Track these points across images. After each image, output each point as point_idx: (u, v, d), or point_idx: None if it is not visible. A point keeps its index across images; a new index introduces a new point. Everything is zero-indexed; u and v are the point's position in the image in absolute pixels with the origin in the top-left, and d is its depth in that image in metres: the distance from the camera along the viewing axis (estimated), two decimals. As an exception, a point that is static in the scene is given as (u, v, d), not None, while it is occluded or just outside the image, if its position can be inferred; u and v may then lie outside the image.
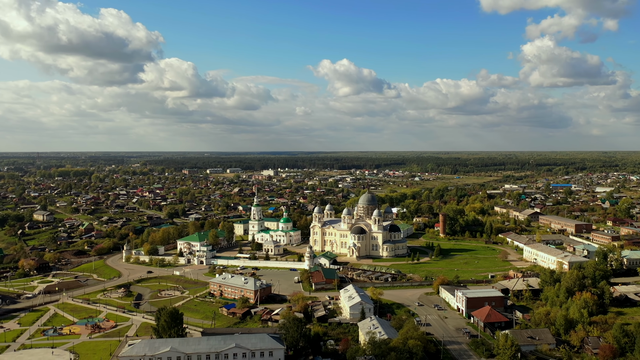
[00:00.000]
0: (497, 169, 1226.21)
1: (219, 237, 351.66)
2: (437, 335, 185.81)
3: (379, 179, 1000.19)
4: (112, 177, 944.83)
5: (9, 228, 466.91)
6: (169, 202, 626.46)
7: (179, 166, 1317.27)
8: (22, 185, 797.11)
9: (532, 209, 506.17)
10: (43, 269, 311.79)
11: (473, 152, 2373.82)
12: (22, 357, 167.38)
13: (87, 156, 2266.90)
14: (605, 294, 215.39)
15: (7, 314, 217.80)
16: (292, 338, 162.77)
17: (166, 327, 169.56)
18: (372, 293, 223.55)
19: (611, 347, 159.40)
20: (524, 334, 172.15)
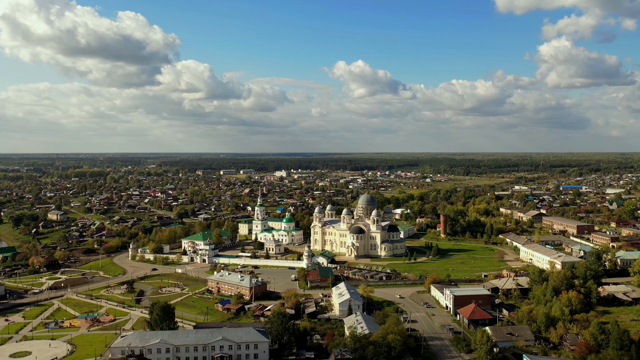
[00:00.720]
0: (511, 170, 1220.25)
1: (223, 236, 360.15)
2: (421, 332, 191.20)
3: (390, 180, 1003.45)
4: (126, 178, 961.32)
5: (24, 227, 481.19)
6: (180, 202, 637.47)
7: (194, 167, 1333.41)
8: (39, 186, 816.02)
9: (537, 210, 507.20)
10: (52, 266, 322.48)
11: (488, 154, 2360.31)
12: (23, 348, 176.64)
13: (105, 157, 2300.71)
14: (592, 293, 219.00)
15: (14, 308, 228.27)
16: (277, 332, 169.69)
17: (158, 321, 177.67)
18: (363, 291, 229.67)
19: (587, 344, 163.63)
20: (504, 331, 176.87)
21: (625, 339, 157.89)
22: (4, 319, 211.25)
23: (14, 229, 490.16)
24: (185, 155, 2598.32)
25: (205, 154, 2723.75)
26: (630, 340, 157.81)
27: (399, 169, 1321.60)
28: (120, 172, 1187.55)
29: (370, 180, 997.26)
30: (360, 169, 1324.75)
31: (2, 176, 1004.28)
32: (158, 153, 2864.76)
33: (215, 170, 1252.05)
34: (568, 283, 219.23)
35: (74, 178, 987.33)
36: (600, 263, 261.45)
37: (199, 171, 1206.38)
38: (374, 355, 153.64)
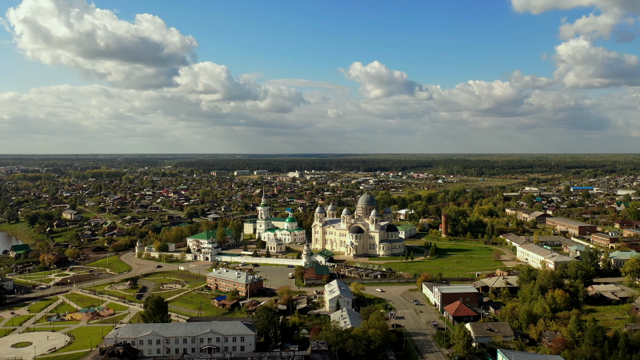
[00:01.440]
0: (525, 171, 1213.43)
1: (227, 235, 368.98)
2: (406, 327, 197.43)
3: (401, 181, 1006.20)
4: (141, 179, 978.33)
5: (39, 226, 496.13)
6: (191, 202, 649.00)
7: (208, 168, 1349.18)
8: (56, 186, 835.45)
9: (544, 211, 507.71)
10: (62, 263, 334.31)
11: (505, 155, 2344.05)
12: (24, 339, 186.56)
13: (124, 158, 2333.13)
14: (580, 292, 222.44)
15: (21, 302, 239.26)
16: (263, 326, 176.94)
17: (152, 314, 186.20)
18: (355, 288, 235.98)
19: (563, 340, 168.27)
20: (484, 327, 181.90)
21: (599, 335, 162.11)
22: (10, 312, 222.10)
23: (29, 227, 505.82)
24: (202, 156, 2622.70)
25: (221, 154, 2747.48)
26: (604, 337, 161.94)
27: (413, 170, 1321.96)
28: (137, 172, 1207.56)
29: (381, 181, 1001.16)
30: (373, 170, 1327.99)
31: (21, 176, 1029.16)
32: (176, 154, 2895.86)
33: (229, 171, 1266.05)
34: (555, 282, 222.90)
35: (90, 178, 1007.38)
36: (594, 263, 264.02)
37: (213, 172, 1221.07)
38: (353, 348, 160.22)
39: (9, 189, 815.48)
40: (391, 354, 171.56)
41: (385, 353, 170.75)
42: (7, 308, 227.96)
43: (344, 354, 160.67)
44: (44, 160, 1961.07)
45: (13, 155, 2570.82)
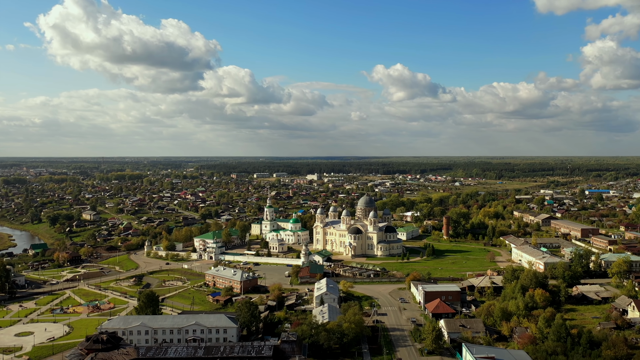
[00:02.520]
0: (545, 174, 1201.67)
1: (232, 235, 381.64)
2: (386, 323, 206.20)
3: (418, 184, 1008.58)
4: (161, 181, 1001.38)
5: (59, 226, 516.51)
6: (207, 204, 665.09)
7: (230, 170, 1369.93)
8: (79, 188, 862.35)
9: (553, 213, 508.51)
10: (75, 261, 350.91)
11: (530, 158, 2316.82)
12: (27, 328, 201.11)
13: (149, 161, 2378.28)
14: (561, 292, 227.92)
15: (30, 296, 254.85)
16: (245, 319, 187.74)
17: (143, 307, 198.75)
18: (343, 286, 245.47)
19: (530, 335, 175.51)
20: (457, 323, 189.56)
21: (562, 332, 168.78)
22: (19, 304, 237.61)
23: (50, 227, 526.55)
24: (226, 159, 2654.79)
25: (245, 157, 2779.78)
26: (567, 333, 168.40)
27: (432, 172, 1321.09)
28: (159, 175, 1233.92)
29: (398, 183, 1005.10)
30: (392, 173, 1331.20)
31: (48, 178, 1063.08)
32: (200, 157, 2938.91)
33: (248, 174, 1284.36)
34: (537, 282, 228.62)
35: (114, 181, 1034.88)
36: (583, 264, 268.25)
37: (233, 174, 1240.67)
38: (325, 340, 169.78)
39: (36, 191, 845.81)
40: (365, 347, 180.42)
41: (360, 346, 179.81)
42: (17, 301, 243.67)
43: (317, 345, 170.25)
44: (72, 163, 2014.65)
45: (43, 158, 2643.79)
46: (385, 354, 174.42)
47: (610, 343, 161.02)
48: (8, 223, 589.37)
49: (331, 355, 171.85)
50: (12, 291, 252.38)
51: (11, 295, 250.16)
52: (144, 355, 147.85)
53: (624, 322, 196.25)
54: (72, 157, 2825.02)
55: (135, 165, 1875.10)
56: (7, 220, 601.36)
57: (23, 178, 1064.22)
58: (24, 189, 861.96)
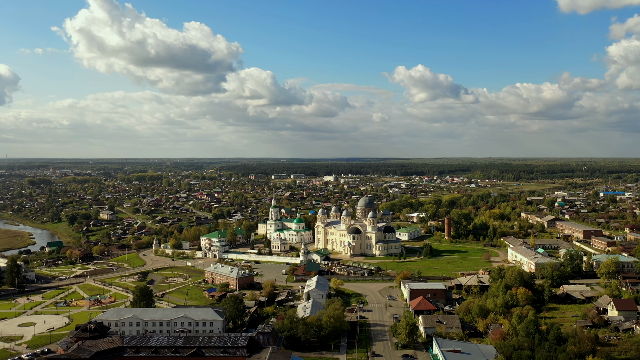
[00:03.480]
0: (565, 176, 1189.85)
1: (238, 234, 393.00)
2: (370, 319, 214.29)
3: (434, 185, 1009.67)
4: (179, 182, 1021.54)
5: (77, 225, 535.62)
6: (221, 204, 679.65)
7: (249, 171, 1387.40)
8: (100, 188, 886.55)
9: (562, 215, 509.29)
10: (86, 259, 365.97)
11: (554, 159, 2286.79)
12: (30, 320, 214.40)
13: (172, 162, 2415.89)
14: (545, 291, 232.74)
15: (39, 290, 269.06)
16: (230, 312, 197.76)
17: (137, 300, 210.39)
18: (334, 283, 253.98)
19: (502, 331, 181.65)
20: (433, 319, 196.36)
21: (531, 328, 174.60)
22: (26, 298, 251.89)
23: (69, 226, 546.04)
24: (248, 160, 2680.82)
25: (266, 159, 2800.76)
26: (536, 329, 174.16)
27: (451, 174, 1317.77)
28: (179, 176, 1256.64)
29: (414, 185, 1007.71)
30: (409, 174, 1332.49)
31: (71, 179, 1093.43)
32: (223, 158, 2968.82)
33: (266, 175, 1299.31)
34: (521, 281, 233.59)
35: (134, 181, 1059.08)
36: (574, 265, 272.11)
37: (251, 175, 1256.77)
38: (302, 333, 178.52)
39: (59, 191, 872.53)
40: (344, 340, 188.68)
41: (338, 340, 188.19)
42: (25, 295, 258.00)
43: (295, 338, 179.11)
44: (97, 164, 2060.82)
45: (70, 159, 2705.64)
46: (362, 347, 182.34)
47: (576, 339, 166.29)
48: (30, 222, 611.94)
49: (310, 347, 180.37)
50: (21, 285, 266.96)
51: (20, 289, 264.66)
52: (128, 343, 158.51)
53: (601, 320, 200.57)
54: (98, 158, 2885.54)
55: (158, 166, 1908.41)
56: (29, 220, 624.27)
57: (48, 179, 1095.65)
58: (47, 190, 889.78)
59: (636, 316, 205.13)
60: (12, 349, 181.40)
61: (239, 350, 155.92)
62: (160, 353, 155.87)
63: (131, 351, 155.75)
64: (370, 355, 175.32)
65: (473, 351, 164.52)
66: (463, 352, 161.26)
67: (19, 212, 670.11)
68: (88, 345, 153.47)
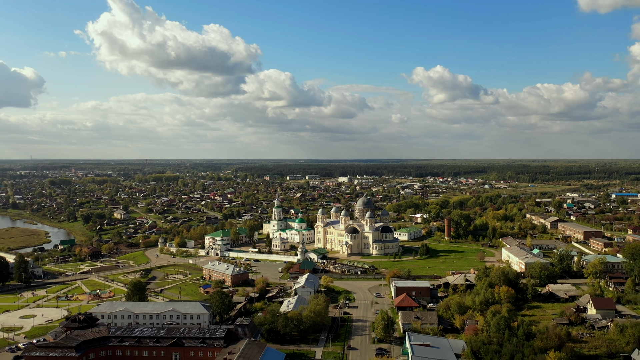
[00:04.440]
0: (582, 177, 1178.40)
1: (241, 234, 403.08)
2: (354, 315, 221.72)
3: (447, 186, 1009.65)
4: (193, 182, 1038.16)
5: (91, 224, 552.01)
6: (233, 204, 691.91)
7: (265, 172, 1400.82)
8: (117, 189, 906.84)
9: (568, 216, 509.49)
10: (95, 256, 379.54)
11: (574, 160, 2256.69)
12: (32, 312, 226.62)
13: (192, 163, 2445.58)
14: (528, 290, 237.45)
15: (45, 285, 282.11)
16: (216, 307, 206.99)
17: (131, 294, 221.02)
18: (324, 281, 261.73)
19: (475, 327, 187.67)
20: (412, 315, 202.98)
21: (502, 324, 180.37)
22: (31, 292, 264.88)
23: (83, 225, 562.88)
24: (267, 161, 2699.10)
25: (285, 160, 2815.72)
26: (507, 325, 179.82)
27: (466, 175, 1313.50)
28: (196, 177, 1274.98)
29: (427, 186, 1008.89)
30: (424, 176, 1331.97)
31: (90, 180, 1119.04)
32: (242, 159, 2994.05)
33: (281, 176, 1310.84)
34: (505, 279, 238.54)
35: (151, 182, 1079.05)
36: (564, 264, 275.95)
37: (267, 176, 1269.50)
38: (282, 327, 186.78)
39: (77, 191, 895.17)
40: (324, 335, 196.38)
41: (319, 334, 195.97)
42: (31, 289, 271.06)
43: (275, 331, 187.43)
44: (118, 165, 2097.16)
45: (93, 160, 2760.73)
46: (340, 341, 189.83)
47: (544, 335, 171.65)
48: (48, 221, 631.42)
49: (290, 340, 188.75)
50: (27, 280, 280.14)
51: (27, 284, 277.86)
52: (114, 333, 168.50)
53: (578, 318, 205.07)
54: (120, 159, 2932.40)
55: (177, 167, 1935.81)
56: (47, 219, 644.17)
57: (68, 179, 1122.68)
58: (67, 190, 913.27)
59: (614, 314, 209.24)
60: (11, 338, 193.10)
61: (216, 341, 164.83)
62: (143, 343, 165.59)
63: (116, 340, 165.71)
64: (347, 348, 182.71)
65: (442, 345, 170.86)
66: (432, 345, 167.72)
67: (37, 212, 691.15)
68: (76, 335, 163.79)
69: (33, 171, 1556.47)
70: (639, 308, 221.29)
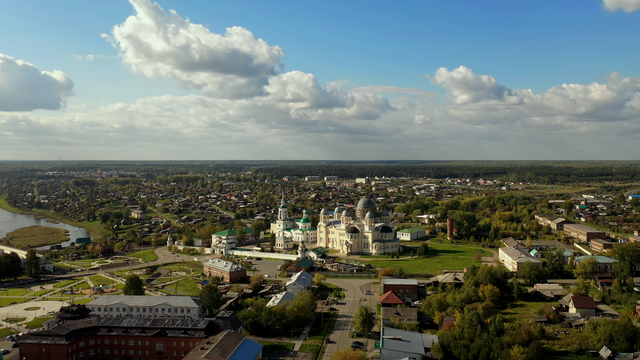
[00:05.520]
0: (604, 178, 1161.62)
1: (247, 233, 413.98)
2: (341, 311, 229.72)
3: (464, 188, 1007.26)
4: (212, 183, 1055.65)
5: (109, 223, 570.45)
6: (247, 204, 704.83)
7: (284, 174, 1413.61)
8: (137, 189, 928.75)
9: (578, 218, 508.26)
10: (107, 253, 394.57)
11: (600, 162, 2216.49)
12: (37, 305, 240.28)
13: (215, 164, 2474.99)
14: (514, 289, 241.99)
15: (54, 280, 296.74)
16: (206, 301, 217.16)
17: (127, 289, 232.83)
18: (316, 278, 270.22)
19: (450, 323, 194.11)
20: (392, 311, 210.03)
21: (474, 320, 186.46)
22: (40, 286, 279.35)
23: (101, 224, 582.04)
24: (289, 162, 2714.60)
25: (307, 161, 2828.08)
26: (479, 321, 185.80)
27: (486, 176, 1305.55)
28: (216, 178, 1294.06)
29: (443, 187, 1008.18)
30: (443, 177, 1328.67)
31: (113, 180, 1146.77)
32: (266, 160, 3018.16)
33: (299, 177, 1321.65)
34: (492, 278, 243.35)
35: (172, 183, 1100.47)
36: (556, 264, 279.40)
37: (285, 177, 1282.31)
38: (264, 321, 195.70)
39: (100, 191, 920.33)
40: (307, 329, 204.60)
41: (301, 328, 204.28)
42: (39, 284, 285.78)
43: (258, 324, 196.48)
44: (143, 166, 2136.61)
45: (119, 161, 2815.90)
46: (321, 335, 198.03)
47: (514, 332, 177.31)
48: (69, 220, 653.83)
49: (273, 334, 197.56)
50: (37, 275, 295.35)
51: (37, 279, 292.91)
52: (103, 323, 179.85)
53: (557, 316, 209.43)
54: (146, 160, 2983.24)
55: (200, 168, 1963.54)
56: (68, 218, 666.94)
57: (92, 180, 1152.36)
58: (89, 190, 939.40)
59: (594, 313, 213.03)
60: (14, 328, 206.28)
61: (197, 332, 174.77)
62: (130, 333, 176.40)
63: (104, 330, 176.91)
64: (325, 341, 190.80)
65: (414, 339, 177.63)
66: (404, 340, 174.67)
67: (60, 211, 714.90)
68: (68, 324, 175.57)
69: (60, 172, 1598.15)
70: (622, 308, 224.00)
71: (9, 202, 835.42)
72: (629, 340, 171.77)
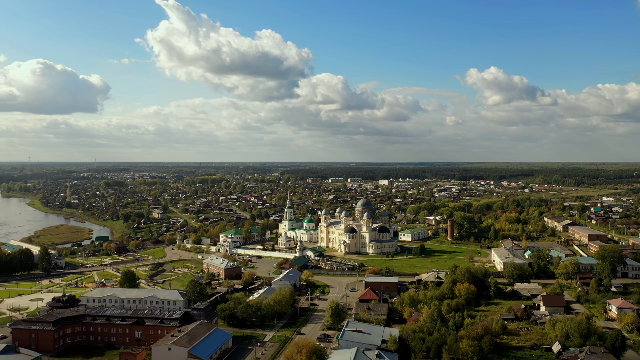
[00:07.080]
0: (632, 181, 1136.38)
1: (253, 232, 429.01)
2: (321, 306, 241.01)
3: (485, 190, 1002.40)
4: (235, 184, 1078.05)
5: (130, 222, 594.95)
6: (266, 205, 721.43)
7: (308, 175, 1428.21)
8: (162, 190, 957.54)
9: (589, 220, 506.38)
10: (120, 251, 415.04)
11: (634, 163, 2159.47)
12: (42, 296, 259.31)
13: (245, 166, 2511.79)
14: (491, 287, 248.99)
15: (63, 275, 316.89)
16: (191, 294, 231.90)
17: (122, 282, 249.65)
18: (304, 276, 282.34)
19: (415, 318, 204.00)
20: (364, 306, 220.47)
21: (435, 315, 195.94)
22: (49, 280, 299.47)
23: (123, 223, 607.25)
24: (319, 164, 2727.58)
25: (337, 162, 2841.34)
26: (440, 316, 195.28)
27: (511, 178, 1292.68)
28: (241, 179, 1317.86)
29: (464, 189, 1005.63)
30: (467, 179, 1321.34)
31: (141, 181, 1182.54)
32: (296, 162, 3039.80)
33: (323, 179, 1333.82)
34: (470, 277, 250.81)
35: (198, 184, 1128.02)
36: (541, 265, 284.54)
37: (309, 179, 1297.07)
38: (240, 313, 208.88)
39: (128, 192, 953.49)
40: (283, 322, 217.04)
41: (278, 320, 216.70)
42: (49, 278, 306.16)
43: (235, 316, 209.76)
44: (174, 167, 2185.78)
45: (153, 163, 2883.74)
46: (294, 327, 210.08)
47: (471, 327, 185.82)
48: (95, 219, 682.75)
49: (250, 325, 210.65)
50: (48, 270, 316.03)
51: (47, 273, 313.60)
52: (89, 312, 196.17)
53: (525, 314, 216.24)
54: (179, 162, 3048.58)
55: (229, 169, 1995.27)
56: (94, 217, 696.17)
57: (122, 181, 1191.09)
58: (118, 191, 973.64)
59: (562, 312, 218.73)
60: (16, 316, 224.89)
61: (172, 322, 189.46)
62: (112, 321, 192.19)
63: (90, 318, 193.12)
64: (296, 333, 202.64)
65: (374, 332, 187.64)
66: (364, 332, 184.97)
67: (88, 211, 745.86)
68: (56, 312, 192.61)
69: (95, 173, 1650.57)
70: (594, 307, 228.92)
71: (42, 202, 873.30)
72: (583, 336, 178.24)
